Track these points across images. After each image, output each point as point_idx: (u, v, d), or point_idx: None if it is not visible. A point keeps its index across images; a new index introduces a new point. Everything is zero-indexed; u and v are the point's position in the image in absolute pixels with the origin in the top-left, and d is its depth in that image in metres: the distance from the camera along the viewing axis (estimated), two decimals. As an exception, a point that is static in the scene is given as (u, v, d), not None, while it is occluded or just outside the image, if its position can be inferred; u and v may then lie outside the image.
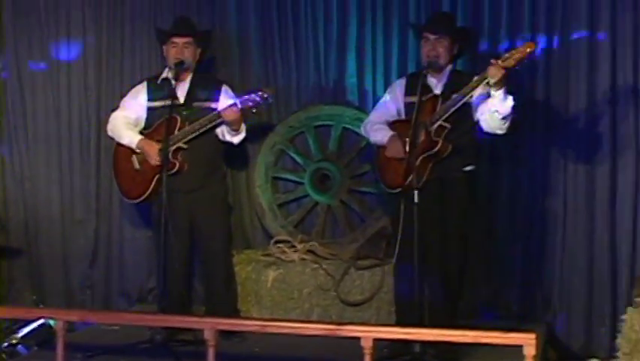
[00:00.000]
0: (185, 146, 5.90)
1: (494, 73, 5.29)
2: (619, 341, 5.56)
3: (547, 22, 6.19)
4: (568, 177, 6.18)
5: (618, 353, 5.56)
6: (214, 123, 5.92)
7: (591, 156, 6.13)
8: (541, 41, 6.15)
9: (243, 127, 6.01)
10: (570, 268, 6.19)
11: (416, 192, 5.20)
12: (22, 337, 5.95)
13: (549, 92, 6.22)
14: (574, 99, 6.15)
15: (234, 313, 6.11)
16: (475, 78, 5.46)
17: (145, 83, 6.19)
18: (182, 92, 6.02)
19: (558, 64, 6.18)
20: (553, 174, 6.21)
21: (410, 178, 5.26)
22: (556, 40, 6.18)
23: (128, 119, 6.12)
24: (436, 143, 5.45)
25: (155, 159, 5.90)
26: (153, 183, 5.93)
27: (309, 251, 6.53)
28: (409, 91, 5.72)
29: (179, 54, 5.99)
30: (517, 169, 6.31)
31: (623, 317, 5.57)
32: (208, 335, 4.79)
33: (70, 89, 7.08)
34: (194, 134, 5.90)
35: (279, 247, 6.61)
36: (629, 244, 6.05)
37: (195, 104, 6.01)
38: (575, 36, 6.13)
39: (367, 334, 4.63)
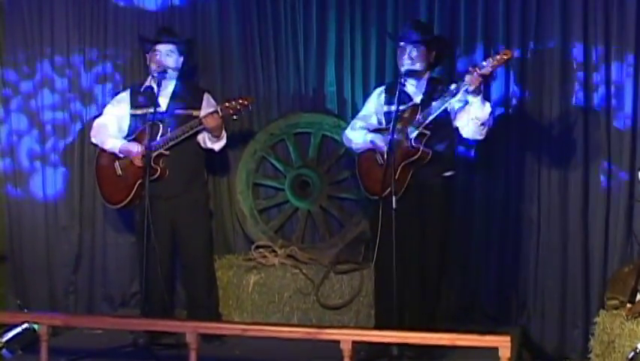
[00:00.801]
0: (166, 152, 5.92)
1: (472, 80, 5.37)
2: (592, 342, 5.64)
3: (522, 32, 6.25)
4: (542, 183, 6.24)
5: (591, 355, 5.63)
6: (195, 130, 5.94)
7: (564, 163, 6.19)
8: (516, 50, 6.20)
9: (224, 134, 6.04)
10: (544, 272, 6.25)
11: (394, 198, 5.24)
12: (7, 341, 5.90)
13: (523, 99, 6.29)
14: (547, 107, 6.21)
15: (216, 317, 6.14)
16: (453, 86, 5.52)
17: (128, 91, 6.22)
18: (164, 99, 6.03)
19: (532, 72, 6.25)
20: (527, 180, 6.27)
21: (389, 189, 5.28)
22: (530, 48, 6.24)
23: (111, 126, 6.13)
24: (417, 150, 5.50)
25: (138, 159, 5.92)
26: (135, 188, 5.95)
27: (290, 256, 6.55)
28: (387, 100, 5.76)
29: (163, 62, 6.02)
30: (493, 175, 6.36)
31: (596, 319, 5.63)
32: (190, 339, 4.84)
33: (53, 97, 7.07)
34: (175, 141, 5.92)
35: (259, 252, 6.63)
36: (601, 249, 6.11)
37: (177, 111, 6.03)
38: (548, 45, 6.19)
39: (346, 337, 4.70)
